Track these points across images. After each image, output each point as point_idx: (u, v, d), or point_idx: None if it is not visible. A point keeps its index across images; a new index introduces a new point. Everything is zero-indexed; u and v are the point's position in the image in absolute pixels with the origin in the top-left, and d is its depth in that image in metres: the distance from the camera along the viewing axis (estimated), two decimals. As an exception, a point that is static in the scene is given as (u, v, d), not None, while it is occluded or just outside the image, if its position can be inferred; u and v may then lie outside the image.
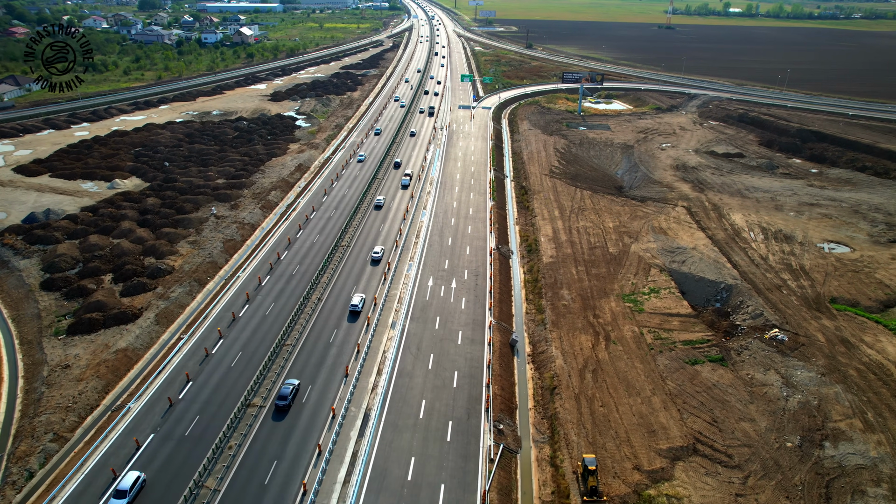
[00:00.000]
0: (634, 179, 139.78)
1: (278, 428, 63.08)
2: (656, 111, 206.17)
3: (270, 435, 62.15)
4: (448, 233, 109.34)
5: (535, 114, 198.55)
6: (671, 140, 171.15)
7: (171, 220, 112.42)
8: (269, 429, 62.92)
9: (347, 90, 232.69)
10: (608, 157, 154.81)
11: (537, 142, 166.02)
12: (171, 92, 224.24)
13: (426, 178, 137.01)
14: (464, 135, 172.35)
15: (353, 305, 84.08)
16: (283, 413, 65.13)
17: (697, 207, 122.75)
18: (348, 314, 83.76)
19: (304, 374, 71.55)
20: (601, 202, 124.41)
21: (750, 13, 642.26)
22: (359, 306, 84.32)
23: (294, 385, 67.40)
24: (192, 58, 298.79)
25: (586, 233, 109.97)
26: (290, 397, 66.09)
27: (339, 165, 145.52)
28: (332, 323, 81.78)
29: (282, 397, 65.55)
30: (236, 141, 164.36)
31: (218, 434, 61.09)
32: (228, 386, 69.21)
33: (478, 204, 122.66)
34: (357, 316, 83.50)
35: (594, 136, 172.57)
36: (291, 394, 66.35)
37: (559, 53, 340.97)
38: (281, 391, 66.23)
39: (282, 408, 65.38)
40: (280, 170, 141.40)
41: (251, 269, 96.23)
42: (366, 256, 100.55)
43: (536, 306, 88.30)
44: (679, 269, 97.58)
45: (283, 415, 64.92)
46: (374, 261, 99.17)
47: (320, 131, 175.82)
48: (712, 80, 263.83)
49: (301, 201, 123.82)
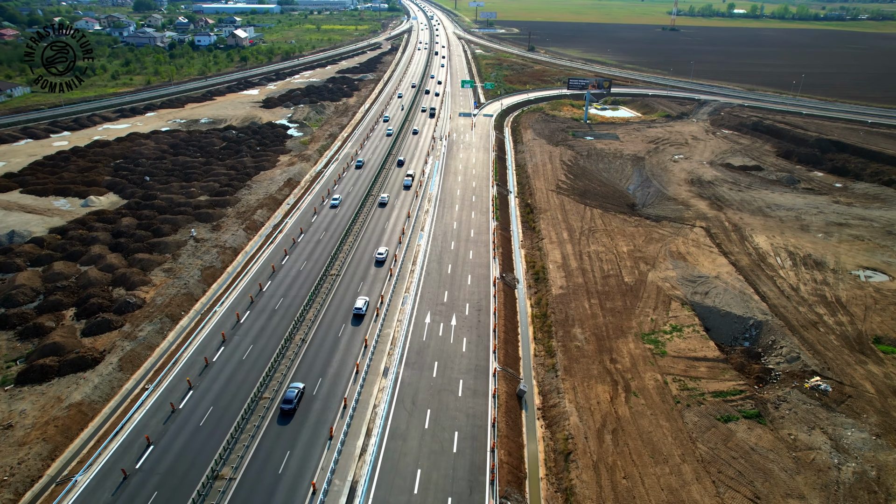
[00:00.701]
0: (647, 196, 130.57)
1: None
2: (666, 119, 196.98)
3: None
4: (448, 259, 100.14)
5: (540, 122, 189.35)
6: (684, 151, 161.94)
7: (147, 243, 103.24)
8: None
9: (343, 96, 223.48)
10: (618, 171, 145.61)
11: (542, 153, 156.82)
12: (160, 98, 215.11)
13: (424, 194, 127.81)
14: (464, 145, 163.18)
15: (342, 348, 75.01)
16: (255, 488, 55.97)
17: (717, 228, 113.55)
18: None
19: (283, 435, 62.40)
20: (613, 222, 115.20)
21: (754, 14, 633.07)
22: (348, 349, 75.23)
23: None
24: (184, 61, 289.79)
25: (598, 259, 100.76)
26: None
27: (331, 180, 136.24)
28: (317, 371, 72.61)
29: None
30: (223, 152, 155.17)
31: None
32: (195, 451, 60.01)
33: (480, 224, 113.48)
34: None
35: (602, 146, 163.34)
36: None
37: (562, 56, 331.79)
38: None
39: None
40: (268, 185, 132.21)
41: (230, 302, 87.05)
42: (357, 287, 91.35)
43: (546, 348, 79.10)
44: (702, 303, 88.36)
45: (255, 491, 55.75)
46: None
47: (313, 141, 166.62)
48: (722, 84, 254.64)
49: (289, 221, 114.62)
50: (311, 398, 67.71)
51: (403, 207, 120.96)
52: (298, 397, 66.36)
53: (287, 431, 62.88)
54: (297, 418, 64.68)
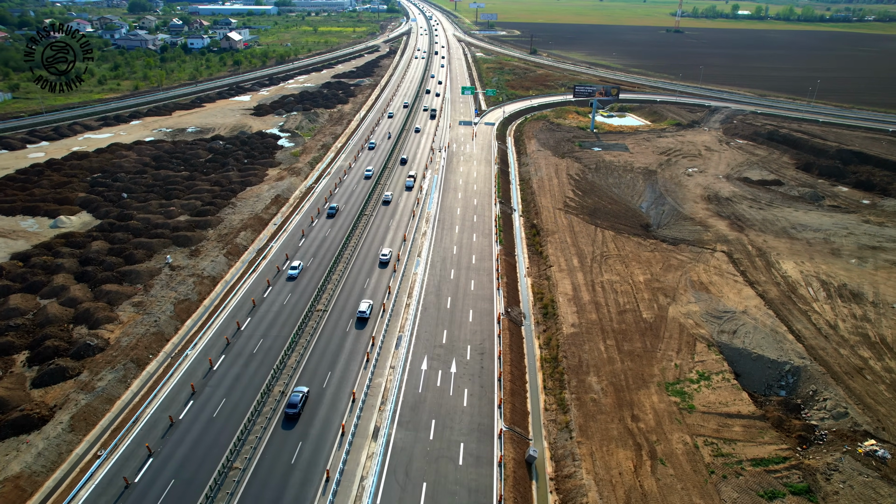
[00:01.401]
0: (662, 215, 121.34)
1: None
2: (676, 127, 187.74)
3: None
4: (447, 290, 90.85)
5: (544, 131, 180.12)
6: (697, 163, 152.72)
7: (117, 272, 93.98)
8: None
9: (338, 102, 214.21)
10: (629, 186, 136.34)
11: (548, 166, 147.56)
12: (146, 105, 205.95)
13: (422, 213, 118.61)
14: (465, 157, 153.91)
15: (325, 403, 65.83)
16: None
17: (740, 253, 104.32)
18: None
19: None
20: (627, 246, 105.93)
21: (759, 16, 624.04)
22: (334, 405, 66.06)
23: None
24: (176, 65, 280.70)
25: (613, 290, 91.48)
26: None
27: (321, 198, 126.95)
28: (297, 431, 63.32)
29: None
30: (209, 165, 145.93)
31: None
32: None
33: (482, 249, 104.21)
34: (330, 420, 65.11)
35: (611, 158, 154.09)
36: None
37: (565, 60, 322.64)
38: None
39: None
40: (254, 203, 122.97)
41: (203, 343, 77.81)
42: (346, 326, 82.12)
43: (558, 400, 69.85)
44: (730, 344, 79.11)
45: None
46: (360, 320, 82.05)
47: (304, 152, 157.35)
48: (732, 90, 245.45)
49: (274, 245, 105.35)
50: (289, 469, 58.48)
51: (396, 242, 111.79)
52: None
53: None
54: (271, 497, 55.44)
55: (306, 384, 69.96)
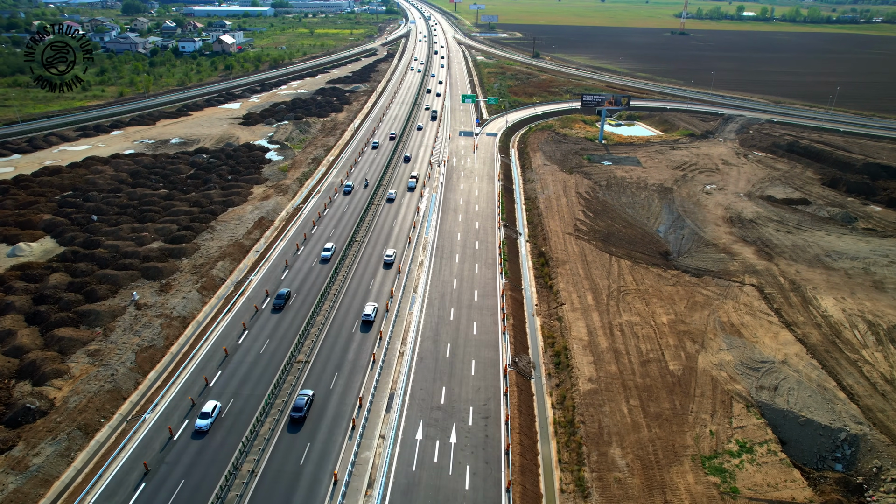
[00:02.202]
0: (682, 240, 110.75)
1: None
2: (690, 138, 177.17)
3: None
4: (446, 335, 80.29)
5: (550, 142, 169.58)
6: (716, 179, 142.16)
7: (75, 312, 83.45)
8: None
9: (332, 111, 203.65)
10: (644, 206, 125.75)
11: (555, 182, 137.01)
12: (130, 113, 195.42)
13: (418, 239, 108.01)
14: (465, 173, 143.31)
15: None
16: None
17: (772, 286, 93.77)
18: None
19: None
20: (646, 279, 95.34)
21: (765, 17, 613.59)
22: (312, 489, 55.51)
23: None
24: (165, 70, 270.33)
25: (633, 334, 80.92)
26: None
27: (309, 220, 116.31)
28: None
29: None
30: (190, 182, 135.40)
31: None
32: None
33: (485, 283, 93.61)
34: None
35: (623, 174, 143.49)
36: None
37: (569, 64, 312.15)
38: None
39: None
40: (235, 226, 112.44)
41: (165, 404, 67.32)
42: (330, 381, 71.53)
43: (576, 479, 59.26)
44: (772, 404, 68.53)
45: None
46: (352, 359, 71.11)
47: (293, 167, 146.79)
48: (744, 96, 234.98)
49: (254, 278, 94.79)
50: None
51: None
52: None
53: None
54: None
55: (279, 464, 59.44)
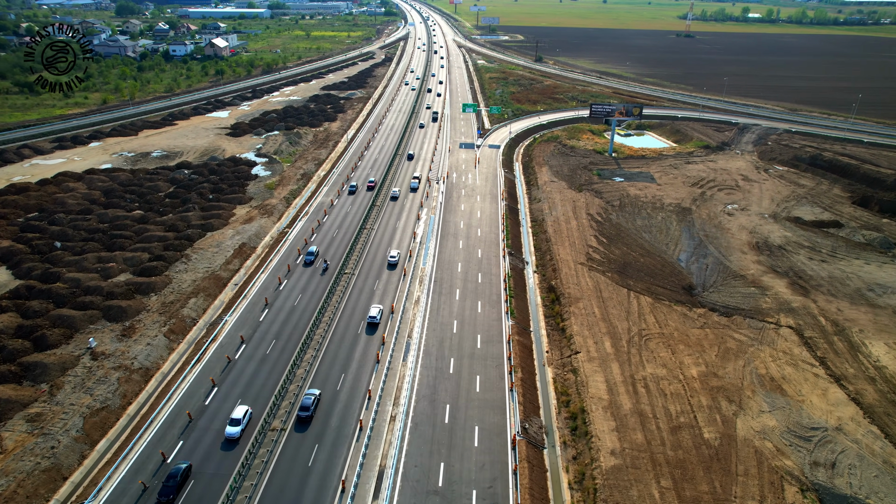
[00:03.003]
0: (706, 271, 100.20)
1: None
2: (705, 150, 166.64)
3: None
4: (444, 393, 69.78)
5: (556, 155, 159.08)
6: (737, 198, 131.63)
7: (20, 364, 72.96)
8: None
9: (325, 120, 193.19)
10: (662, 230, 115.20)
11: (563, 202, 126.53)
12: (111, 123, 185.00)
13: (414, 271, 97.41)
14: (467, 191, 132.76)
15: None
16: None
17: (812, 329, 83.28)
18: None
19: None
20: (670, 319, 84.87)
21: (770, 19, 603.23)
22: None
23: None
24: (153, 75, 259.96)
25: (660, 391, 70.42)
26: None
27: (293, 248, 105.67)
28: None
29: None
30: (168, 202, 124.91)
31: None
32: None
33: (489, 325, 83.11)
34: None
35: (637, 192, 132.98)
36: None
37: (573, 69, 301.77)
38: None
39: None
40: (213, 255, 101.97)
41: (112, 487, 56.76)
42: (308, 457, 61.00)
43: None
44: (832, 488, 58.00)
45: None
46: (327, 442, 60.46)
47: (281, 184, 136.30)
48: (758, 103, 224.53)
49: (230, 319, 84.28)
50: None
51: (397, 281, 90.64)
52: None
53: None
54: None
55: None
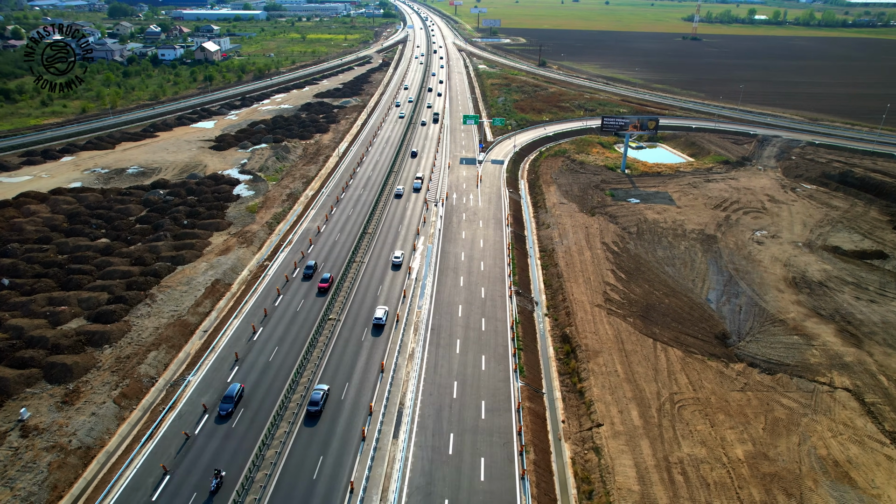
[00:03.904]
0: (739, 314, 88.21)
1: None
2: (725, 166, 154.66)
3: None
4: (442, 485, 57.74)
5: (565, 172, 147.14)
6: (765, 223, 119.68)
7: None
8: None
9: (317, 131, 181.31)
10: (686, 262, 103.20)
11: (575, 228, 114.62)
12: (88, 134, 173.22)
13: (408, 318, 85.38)
14: (468, 215, 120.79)
15: None
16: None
17: (873, 391, 71.36)
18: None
19: None
20: (705, 379, 72.93)
21: (777, 21, 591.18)
22: None
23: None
24: (139, 81, 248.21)
25: (701, 480, 58.45)
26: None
27: (273, 288, 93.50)
28: None
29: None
30: (138, 228, 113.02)
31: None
32: None
33: (495, 387, 71.13)
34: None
35: (655, 216, 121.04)
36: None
37: (579, 74, 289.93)
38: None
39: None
40: (182, 295, 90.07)
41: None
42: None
43: None
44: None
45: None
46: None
47: (265, 206, 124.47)
48: (774, 112, 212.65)
49: (193, 379, 72.30)
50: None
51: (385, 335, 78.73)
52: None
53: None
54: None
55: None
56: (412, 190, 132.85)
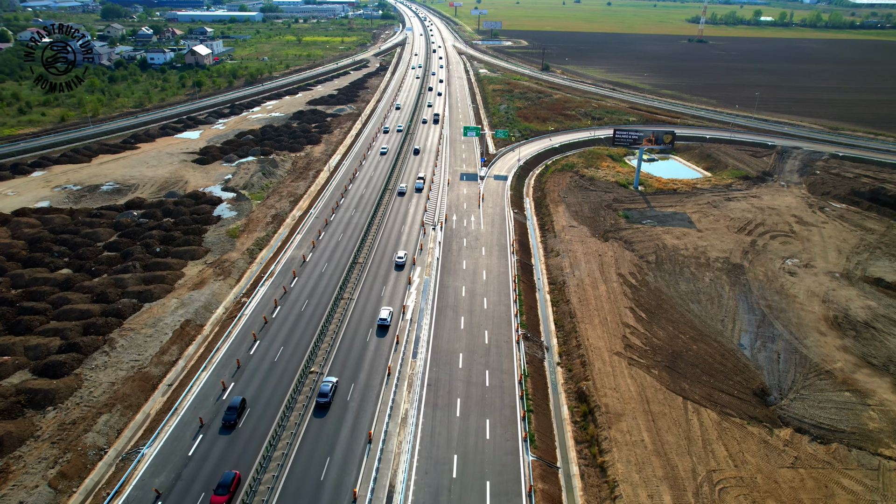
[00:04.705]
0: (778, 363, 77.52)
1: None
2: (745, 182, 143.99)
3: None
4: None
5: (574, 189, 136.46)
6: (795, 249, 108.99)
7: None
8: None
9: (308, 142, 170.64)
10: (712, 297, 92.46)
11: (587, 256, 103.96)
12: (63, 146, 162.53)
13: (401, 370, 74.59)
14: (469, 240, 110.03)
15: None
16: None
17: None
18: None
19: None
20: (747, 451, 62.23)
21: (783, 22, 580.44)
22: None
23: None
24: (125, 87, 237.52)
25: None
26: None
27: (248, 333, 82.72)
28: None
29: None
30: (104, 258, 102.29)
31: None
32: None
33: (502, 462, 60.40)
34: None
35: (674, 241, 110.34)
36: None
37: (584, 79, 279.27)
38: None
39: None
40: (146, 339, 79.46)
41: None
42: None
43: None
44: None
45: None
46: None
47: (247, 229, 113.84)
48: (791, 120, 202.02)
49: (149, 452, 61.52)
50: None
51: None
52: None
53: None
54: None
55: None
56: (408, 203, 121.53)
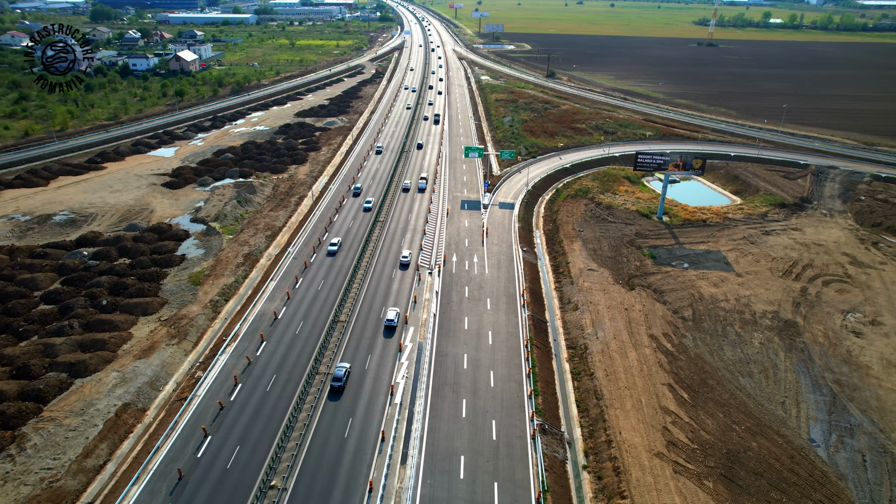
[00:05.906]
0: (863, 469, 61.52)
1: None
2: (780, 209, 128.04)
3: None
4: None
5: (590, 221, 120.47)
6: (854, 298, 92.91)
7: None
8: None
9: (293, 161, 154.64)
10: (766, 369, 76.39)
11: (612, 310, 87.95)
12: (21, 166, 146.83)
13: (386, 483, 58.56)
14: (472, 289, 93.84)
15: None
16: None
17: None
18: None
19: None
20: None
21: (793, 25, 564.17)
22: None
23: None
24: (100, 96, 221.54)
25: None
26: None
27: (200, 417, 66.60)
28: None
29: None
30: (37, 313, 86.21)
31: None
32: None
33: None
34: None
35: (712, 289, 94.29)
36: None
37: (592, 87, 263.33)
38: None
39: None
40: (67, 436, 63.47)
41: None
42: None
43: None
44: None
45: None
46: None
47: (213, 273, 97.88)
48: (822, 134, 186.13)
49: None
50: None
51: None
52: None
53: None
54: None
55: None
56: (401, 262, 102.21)
